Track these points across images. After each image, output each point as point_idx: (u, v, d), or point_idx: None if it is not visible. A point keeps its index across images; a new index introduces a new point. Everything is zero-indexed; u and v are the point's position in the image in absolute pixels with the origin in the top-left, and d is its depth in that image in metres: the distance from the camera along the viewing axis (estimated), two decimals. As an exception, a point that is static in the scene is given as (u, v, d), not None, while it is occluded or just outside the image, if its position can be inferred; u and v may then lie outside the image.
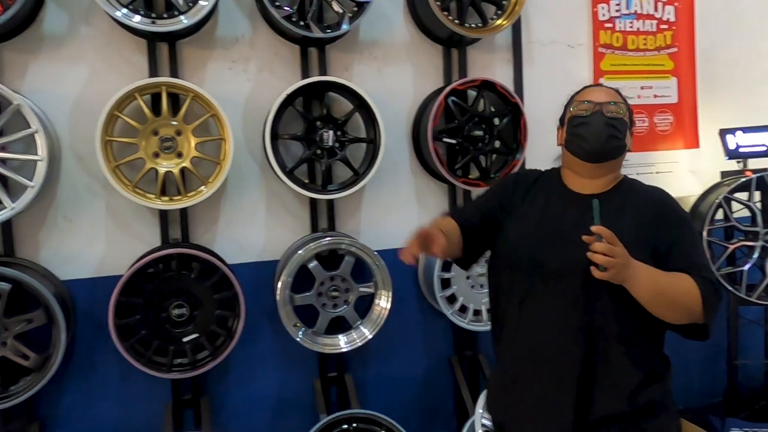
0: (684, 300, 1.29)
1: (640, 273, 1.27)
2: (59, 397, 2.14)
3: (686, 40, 2.84)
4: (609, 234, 1.23)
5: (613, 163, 1.44)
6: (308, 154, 2.20)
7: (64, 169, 2.10)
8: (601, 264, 1.23)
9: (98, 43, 2.10)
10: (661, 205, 1.43)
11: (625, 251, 1.24)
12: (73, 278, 2.12)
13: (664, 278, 1.30)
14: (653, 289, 1.28)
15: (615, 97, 1.46)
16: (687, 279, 1.31)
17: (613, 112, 1.42)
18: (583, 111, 1.44)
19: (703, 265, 1.36)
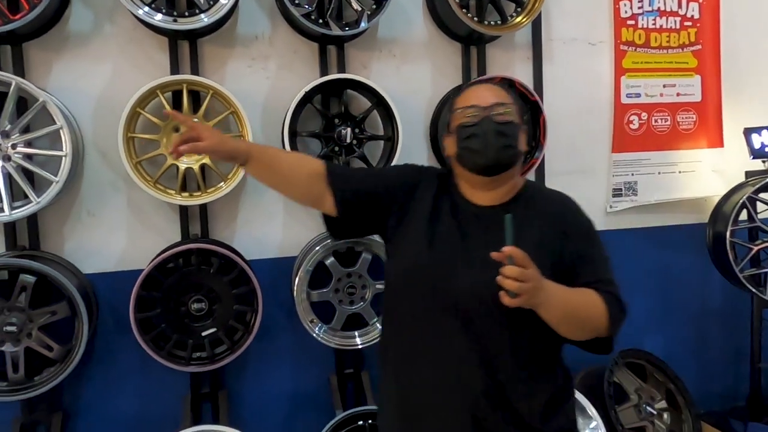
0: (592, 318, 1.24)
1: (553, 295, 1.18)
2: (81, 387, 2.18)
3: (711, 37, 2.79)
4: (522, 256, 1.11)
5: (510, 172, 1.34)
6: (326, 151, 2.21)
7: (88, 164, 2.14)
8: (512, 290, 1.11)
9: (121, 41, 2.14)
10: (565, 214, 1.35)
11: (537, 273, 1.14)
12: (96, 272, 2.17)
13: (573, 297, 1.23)
14: (565, 311, 1.21)
15: (502, 96, 1.34)
16: (594, 296, 1.25)
17: (502, 115, 1.30)
18: (471, 119, 1.30)
19: (608, 279, 1.29)
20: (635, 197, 2.74)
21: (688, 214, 2.83)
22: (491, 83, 1.38)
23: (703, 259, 2.67)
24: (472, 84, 1.40)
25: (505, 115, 1.31)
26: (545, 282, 1.17)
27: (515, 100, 1.37)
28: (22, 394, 1.93)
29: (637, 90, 2.72)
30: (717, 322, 2.92)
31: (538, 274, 1.15)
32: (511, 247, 1.10)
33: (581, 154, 2.68)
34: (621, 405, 2.46)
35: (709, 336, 2.91)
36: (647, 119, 2.74)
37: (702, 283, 2.85)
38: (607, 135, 2.71)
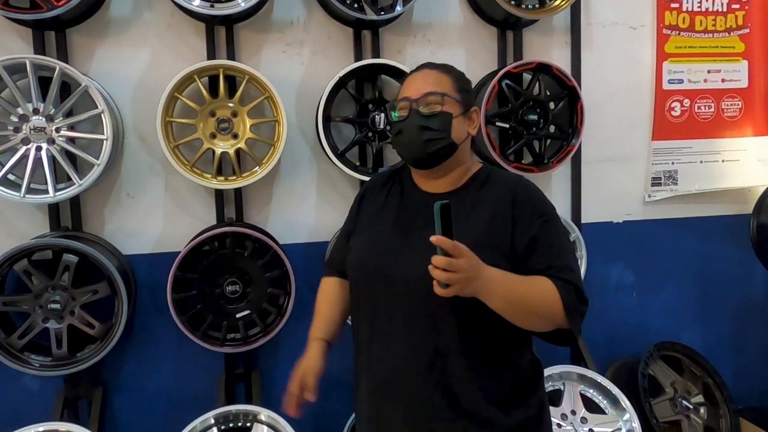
0: (543, 308, 1.18)
1: (493, 283, 1.14)
2: (121, 364, 2.26)
3: (760, 20, 2.67)
4: (450, 245, 1.06)
5: (448, 162, 1.30)
6: (360, 136, 2.22)
7: (128, 148, 2.19)
8: (441, 280, 1.08)
9: (160, 27, 2.18)
10: (518, 198, 1.27)
11: (471, 262, 1.09)
12: (135, 253, 2.23)
13: (520, 285, 1.17)
14: (508, 299, 1.16)
15: (434, 83, 1.28)
16: (546, 283, 1.19)
17: (430, 106, 1.26)
18: (401, 113, 1.30)
19: (564, 266, 1.21)
20: (675, 186, 2.66)
21: (731, 204, 2.74)
22: (429, 68, 1.32)
23: (746, 251, 2.59)
24: (412, 71, 1.34)
25: (432, 105, 1.27)
26: (484, 270, 1.12)
27: (456, 82, 1.31)
28: (66, 369, 2.00)
29: (680, 76, 2.64)
30: (758, 316, 2.83)
31: (472, 263, 1.09)
32: (437, 237, 1.06)
33: (619, 141, 2.61)
34: (656, 398, 2.41)
35: (749, 331, 2.82)
36: (690, 106, 2.65)
37: (744, 277, 2.76)
38: (647, 122, 2.64)
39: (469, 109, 1.32)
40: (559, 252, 1.24)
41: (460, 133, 1.30)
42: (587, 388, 2.32)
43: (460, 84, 1.32)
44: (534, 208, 1.27)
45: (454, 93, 1.29)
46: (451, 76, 1.32)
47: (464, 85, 1.33)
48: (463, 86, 1.33)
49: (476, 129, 1.34)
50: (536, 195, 1.30)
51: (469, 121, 1.33)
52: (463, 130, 1.31)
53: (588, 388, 2.32)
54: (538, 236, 1.23)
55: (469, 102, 1.33)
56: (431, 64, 1.34)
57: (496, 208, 1.26)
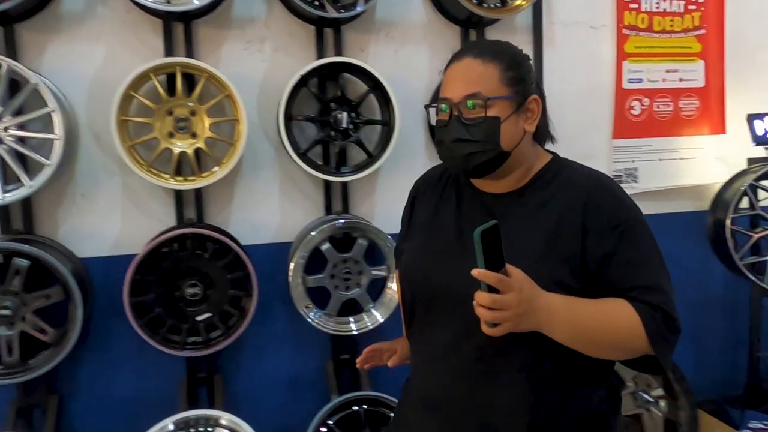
0: (620, 340, 1.02)
1: (554, 314, 0.98)
2: (78, 371, 2.19)
3: (715, 21, 2.74)
4: (495, 279, 0.90)
5: (504, 167, 1.11)
6: (322, 135, 2.19)
7: (82, 147, 2.13)
8: (486, 320, 0.93)
9: (115, 23, 2.11)
10: (591, 202, 1.06)
11: (523, 296, 0.93)
12: (91, 256, 2.16)
13: (590, 315, 1.01)
14: (575, 332, 1.00)
15: (478, 79, 1.07)
16: (625, 310, 1.01)
17: (472, 111, 1.07)
18: (441, 118, 1.11)
19: (651, 286, 1.03)
20: (636, 184, 2.71)
21: (689, 201, 2.80)
22: (473, 56, 1.10)
23: (704, 247, 2.65)
24: (454, 58, 1.13)
25: (475, 111, 1.07)
26: (542, 300, 0.97)
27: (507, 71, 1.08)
28: (18, 377, 1.93)
29: (639, 75, 2.68)
30: (716, 310, 2.90)
31: (524, 297, 0.93)
32: (479, 270, 0.90)
33: (581, 139, 2.64)
34: (617, 392, 2.45)
35: (708, 324, 2.89)
36: (649, 105, 2.70)
37: (702, 271, 2.83)
38: (608, 121, 2.68)
39: (524, 101, 1.10)
40: (642, 269, 1.05)
41: (513, 136, 1.09)
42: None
43: (511, 72, 1.09)
44: (611, 215, 1.06)
45: (502, 89, 1.07)
46: (499, 64, 1.08)
47: (518, 71, 1.10)
48: (517, 74, 1.09)
49: (536, 121, 1.12)
50: (615, 199, 1.09)
51: (525, 116, 1.11)
52: (516, 131, 1.10)
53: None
54: (615, 251, 1.04)
55: (525, 91, 1.10)
56: (475, 50, 1.11)
57: (563, 214, 1.07)
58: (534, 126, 1.13)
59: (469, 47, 1.15)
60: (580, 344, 1.02)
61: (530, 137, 1.15)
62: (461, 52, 1.14)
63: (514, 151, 1.11)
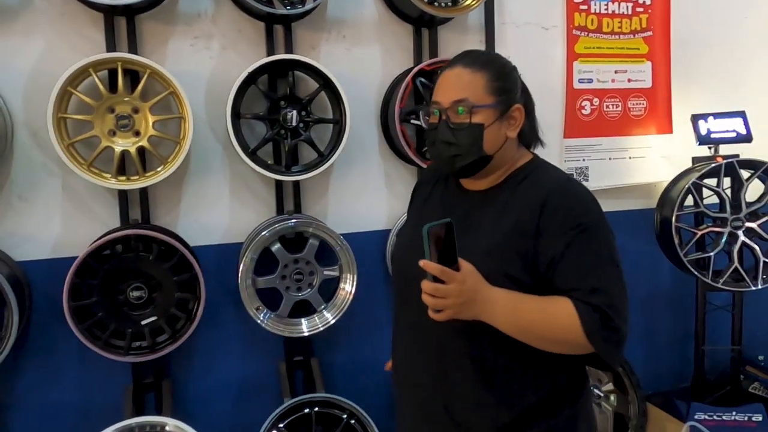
0: (558, 335, 1.09)
1: (496, 306, 1.06)
2: (15, 380, 2.09)
3: (661, 24, 2.81)
4: (437, 270, 1.00)
5: (487, 168, 1.20)
6: (271, 134, 2.16)
7: (19, 146, 2.04)
8: (429, 306, 1.03)
9: (53, 16, 2.03)
10: (548, 205, 1.13)
11: (464, 287, 1.02)
12: (29, 259, 2.07)
13: (530, 311, 1.08)
14: (515, 324, 1.09)
15: (465, 86, 1.16)
16: (565, 308, 1.08)
17: (458, 117, 1.16)
18: (432, 120, 1.21)
19: (592, 288, 1.08)
20: (586, 182, 2.75)
21: (638, 199, 2.86)
22: (463, 65, 1.18)
23: (652, 244, 2.71)
24: (447, 66, 1.22)
25: (461, 116, 1.15)
26: (484, 293, 1.05)
27: (493, 81, 1.17)
28: (-52, 387, 1.83)
29: (590, 75, 2.73)
30: (665, 305, 2.98)
31: (466, 287, 1.02)
32: (424, 262, 1.01)
33: (533, 139, 2.67)
34: (569, 388, 2.49)
35: (657, 319, 2.97)
36: (599, 105, 2.75)
37: (651, 268, 2.90)
38: (559, 120, 2.72)
39: (508, 109, 1.18)
40: (588, 271, 1.10)
41: (495, 141, 1.18)
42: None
43: (497, 83, 1.17)
44: (565, 218, 1.12)
45: (487, 97, 1.15)
46: (486, 73, 1.17)
47: (503, 82, 1.18)
48: (502, 84, 1.18)
49: (518, 128, 1.21)
50: (572, 202, 1.15)
51: (507, 123, 1.19)
52: (499, 137, 1.18)
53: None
54: (563, 253, 1.10)
55: (509, 100, 1.19)
56: (466, 59, 1.20)
57: (521, 214, 1.14)
58: (516, 132, 1.21)
59: (461, 57, 1.23)
60: (521, 336, 1.10)
61: (514, 142, 1.23)
62: (454, 60, 1.23)
63: (496, 155, 1.20)
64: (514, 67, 1.24)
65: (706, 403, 2.62)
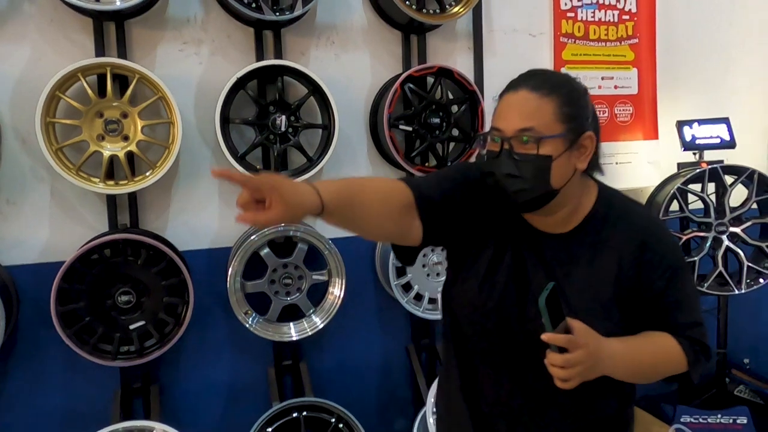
0: (667, 370, 1.17)
1: (616, 360, 1.07)
2: (2, 384, 2.09)
3: (647, 31, 2.85)
4: (564, 341, 0.97)
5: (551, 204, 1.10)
6: (260, 139, 2.17)
7: (7, 151, 2.04)
8: (561, 378, 1.00)
9: (42, 22, 2.03)
10: (646, 244, 1.13)
11: (590, 349, 1.00)
12: (17, 264, 2.07)
13: (644, 355, 1.12)
14: (633, 372, 1.13)
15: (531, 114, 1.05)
16: (670, 345, 1.14)
17: (524, 147, 1.05)
18: (491, 147, 1.09)
19: (690, 323, 1.15)
20: (574, 188, 2.78)
21: (625, 204, 2.89)
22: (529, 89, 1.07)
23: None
24: (510, 87, 1.11)
25: (527, 147, 1.05)
26: (604, 350, 1.04)
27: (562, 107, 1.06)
28: (-66, 392, 1.83)
29: (577, 82, 2.76)
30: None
31: (591, 350, 1.00)
32: (548, 335, 0.97)
33: (521, 144, 2.70)
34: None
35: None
36: (586, 111, 2.78)
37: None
38: (546, 126, 2.74)
39: (578, 138, 1.08)
40: (684, 308, 1.15)
41: (564, 174, 1.08)
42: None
43: (567, 108, 1.06)
44: (663, 258, 1.13)
45: (556, 126, 1.05)
46: (555, 98, 1.06)
47: (573, 108, 1.07)
48: (572, 110, 1.07)
49: (588, 158, 1.11)
50: (666, 242, 1.16)
51: (578, 153, 1.09)
52: (568, 168, 1.08)
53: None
54: (665, 293, 1.13)
55: (580, 128, 1.08)
56: (532, 82, 1.08)
57: (621, 254, 1.12)
58: (586, 163, 1.11)
59: (526, 78, 1.11)
60: (633, 379, 1.16)
61: (579, 174, 1.13)
62: (517, 81, 1.10)
63: (563, 189, 1.09)
64: (585, 89, 1.14)
65: (692, 406, 2.64)
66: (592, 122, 1.12)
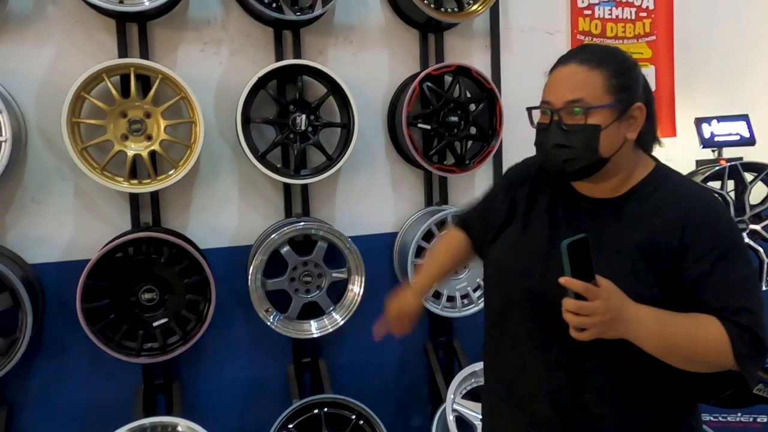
0: (706, 356, 1.04)
1: (643, 325, 1.01)
2: (28, 381, 2.12)
3: (665, 28, 2.84)
4: (581, 287, 0.96)
5: (602, 172, 1.11)
6: (280, 138, 2.18)
7: (32, 150, 2.07)
8: (573, 325, 0.98)
9: (66, 23, 2.06)
10: (692, 221, 1.07)
11: (610, 304, 0.97)
12: (42, 262, 2.10)
13: (679, 329, 1.03)
14: (663, 344, 1.03)
15: (580, 85, 1.08)
16: (713, 328, 1.03)
17: (572, 117, 1.08)
18: (542, 119, 1.14)
19: (740, 307, 1.04)
20: (591, 186, 2.77)
21: (642, 202, 2.88)
22: (577, 63, 1.10)
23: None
24: (558, 63, 1.14)
25: (575, 116, 1.08)
26: (630, 311, 1.00)
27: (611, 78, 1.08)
28: (-37, 388, 1.86)
29: (594, 80, 2.75)
30: (669, 307, 2.99)
31: (611, 305, 0.97)
32: (565, 279, 0.96)
33: (538, 142, 2.70)
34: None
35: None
36: (603, 109, 2.78)
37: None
38: (563, 124, 2.74)
39: (628, 109, 1.10)
40: (735, 291, 1.06)
41: (613, 144, 1.09)
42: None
43: (616, 80, 1.09)
44: (710, 236, 1.07)
45: (605, 97, 1.08)
46: (604, 71, 1.08)
47: (623, 79, 1.10)
48: (622, 81, 1.10)
49: (638, 129, 1.12)
50: (715, 219, 1.09)
51: (627, 123, 1.11)
52: (617, 139, 1.10)
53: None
54: (711, 272, 1.05)
55: (630, 99, 1.10)
56: (582, 55, 1.11)
57: (659, 231, 1.08)
58: (636, 133, 1.12)
59: (576, 52, 1.14)
60: (665, 356, 1.05)
61: (632, 143, 1.14)
62: (567, 56, 1.14)
63: (613, 158, 1.11)
64: (635, 62, 1.15)
65: (711, 405, 2.63)
66: (643, 94, 1.13)
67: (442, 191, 2.53)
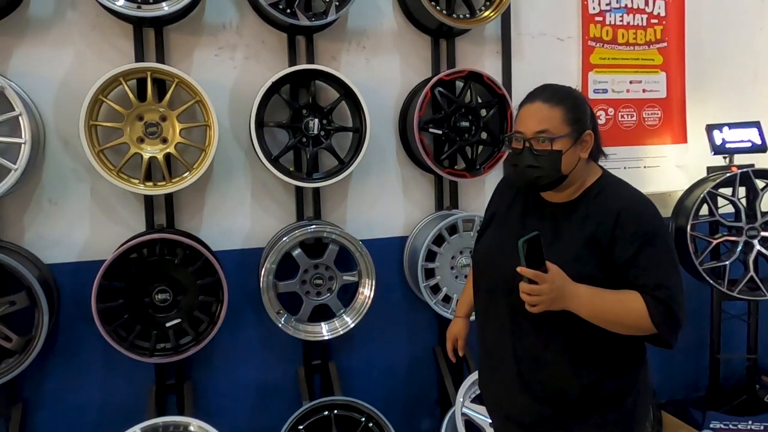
0: (629, 320, 1.32)
1: (579, 300, 1.30)
2: (43, 379, 2.15)
3: (676, 35, 2.84)
4: (531, 274, 1.24)
5: (562, 185, 1.40)
6: (293, 142, 2.21)
7: (50, 152, 2.11)
8: (527, 302, 1.28)
9: (84, 28, 2.11)
10: (621, 219, 1.36)
11: (554, 285, 1.26)
12: (58, 262, 2.13)
13: (606, 302, 1.32)
14: (594, 314, 1.32)
15: (545, 119, 1.35)
16: (635, 300, 1.31)
17: (540, 144, 1.36)
18: (515, 146, 1.41)
19: (656, 284, 1.32)
20: (601, 191, 2.77)
21: (653, 208, 2.88)
22: (542, 101, 1.37)
23: (666, 252, 2.73)
24: (526, 100, 1.41)
25: (543, 144, 1.36)
26: (569, 289, 1.28)
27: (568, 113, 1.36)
28: (-20, 385, 1.89)
29: (604, 86, 2.77)
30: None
31: (555, 286, 1.26)
32: (520, 268, 1.24)
33: (549, 148, 2.70)
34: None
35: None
36: (614, 114, 2.79)
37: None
38: (574, 130, 2.74)
39: (581, 135, 1.38)
40: (654, 271, 1.33)
41: (571, 163, 1.38)
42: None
43: (572, 114, 1.37)
44: (636, 227, 1.34)
45: (564, 128, 1.35)
46: (562, 107, 1.36)
47: (577, 113, 1.38)
48: (575, 115, 1.37)
49: (589, 150, 1.41)
50: (639, 214, 1.37)
51: (581, 146, 1.39)
52: (574, 158, 1.38)
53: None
54: (633, 258, 1.33)
55: (582, 128, 1.38)
56: (544, 95, 1.39)
57: (599, 224, 1.36)
58: (588, 153, 1.42)
59: (540, 91, 1.42)
60: (598, 321, 1.33)
61: (584, 160, 1.43)
62: (533, 94, 1.42)
63: (571, 173, 1.40)
64: (584, 98, 1.46)
65: (722, 412, 2.62)
66: (590, 122, 1.42)
67: (453, 196, 2.55)
